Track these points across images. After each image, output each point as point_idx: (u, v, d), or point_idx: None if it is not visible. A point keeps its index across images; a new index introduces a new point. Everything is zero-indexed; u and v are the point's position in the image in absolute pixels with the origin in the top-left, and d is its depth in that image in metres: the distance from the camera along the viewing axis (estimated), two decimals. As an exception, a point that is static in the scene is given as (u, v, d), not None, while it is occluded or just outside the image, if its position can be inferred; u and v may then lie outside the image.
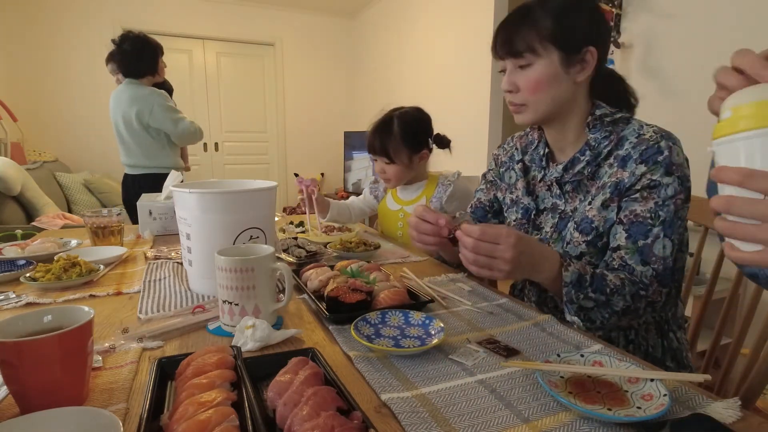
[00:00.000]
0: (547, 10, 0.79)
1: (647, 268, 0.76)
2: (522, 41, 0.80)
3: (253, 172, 4.99)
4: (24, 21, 3.89)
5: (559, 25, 0.78)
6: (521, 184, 0.96)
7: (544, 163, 0.92)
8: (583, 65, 0.80)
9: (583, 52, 0.79)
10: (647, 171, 0.76)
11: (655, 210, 0.75)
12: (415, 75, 4.00)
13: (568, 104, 0.84)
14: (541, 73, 0.80)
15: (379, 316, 0.70)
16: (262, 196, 0.86)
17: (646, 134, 0.78)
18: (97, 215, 1.19)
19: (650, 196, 0.76)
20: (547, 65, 0.79)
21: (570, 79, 0.81)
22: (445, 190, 1.38)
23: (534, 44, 0.79)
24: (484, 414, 0.48)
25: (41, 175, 3.25)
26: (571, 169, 0.85)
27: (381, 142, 1.36)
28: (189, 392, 0.45)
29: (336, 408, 0.43)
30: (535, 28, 0.79)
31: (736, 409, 0.48)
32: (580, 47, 0.79)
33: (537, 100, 0.82)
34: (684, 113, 2.07)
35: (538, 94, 0.81)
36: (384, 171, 1.40)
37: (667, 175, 0.75)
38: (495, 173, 1.06)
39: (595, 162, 0.83)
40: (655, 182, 0.76)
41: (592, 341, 0.66)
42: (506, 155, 1.04)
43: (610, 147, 0.81)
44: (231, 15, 4.62)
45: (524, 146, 0.99)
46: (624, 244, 0.77)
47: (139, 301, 0.80)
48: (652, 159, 0.76)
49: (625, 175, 0.78)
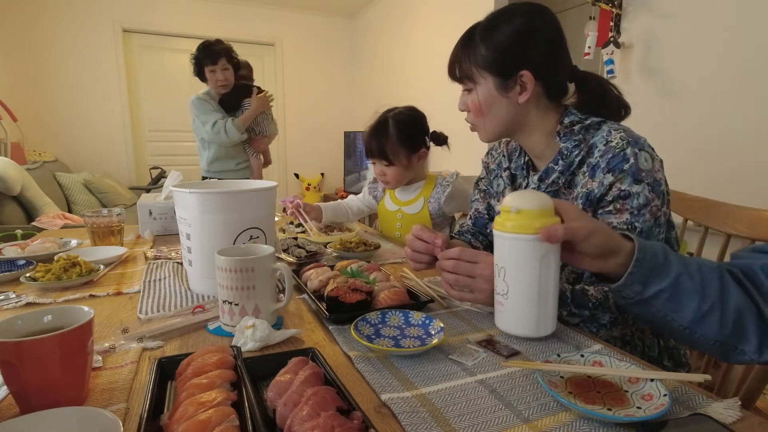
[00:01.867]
0: (482, 37, 0.81)
1: None
2: (461, 69, 0.85)
3: (253, 172, 4.98)
4: (24, 21, 3.89)
5: (490, 52, 0.81)
6: (508, 192, 0.97)
7: (525, 171, 0.93)
8: (523, 87, 0.81)
9: (518, 76, 0.80)
10: (615, 180, 0.75)
11: (631, 221, 0.74)
12: (415, 75, 4.00)
13: (519, 123, 0.85)
14: (480, 97, 0.84)
15: (379, 316, 0.70)
16: (262, 196, 0.86)
17: (612, 141, 0.77)
18: (97, 215, 1.19)
19: (623, 208, 0.75)
20: (483, 90, 0.83)
21: (511, 102, 0.83)
22: (443, 191, 1.38)
23: (471, 72, 0.83)
24: (484, 414, 0.48)
25: (41, 175, 3.25)
26: (546, 180, 0.85)
27: (378, 145, 1.35)
28: (189, 392, 0.45)
29: (336, 408, 0.43)
30: (473, 56, 0.82)
31: (736, 409, 0.48)
32: (512, 72, 0.80)
33: (483, 122, 0.86)
34: (684, 113, 2.07)
35: (481, 117, 0.86)
36: (384, 173, 1.40)
37: (636, 183, 0.74)
38: (486, 182, 1.07)
39: (569, 171, 0.82)
40: (624, 192, 0.75)
41: (592, 341, 0.66)
42: (494, 162, 1.04)
43: (582, 155, 0.80)
44: (231, 15, 4.63)
45: (510, 153, 0.99)
46: None
47: (139, 301, 0.80)
48: (618, 168, 0.75)
49: (594, 185, 0.78)
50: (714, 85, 1.96)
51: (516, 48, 0.80)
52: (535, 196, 0.64)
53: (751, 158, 1.87)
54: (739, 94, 1.90)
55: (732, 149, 1.93)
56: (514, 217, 0.63)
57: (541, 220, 0.62)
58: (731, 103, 1.91)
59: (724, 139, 1.94)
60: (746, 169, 1.88)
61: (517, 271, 0.64)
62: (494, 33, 0.81)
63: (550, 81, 0.83)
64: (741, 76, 1.88)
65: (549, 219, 0.62)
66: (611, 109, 0.84)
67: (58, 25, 4.00)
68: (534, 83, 0.80)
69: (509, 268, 0.65)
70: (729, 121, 1.92)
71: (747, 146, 1.88)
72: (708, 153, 1.98)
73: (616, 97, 0.84)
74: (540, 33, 0.81)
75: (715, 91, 1.96)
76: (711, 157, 1.98)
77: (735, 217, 0.99)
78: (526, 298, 0.64)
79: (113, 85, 4.26)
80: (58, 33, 4.01)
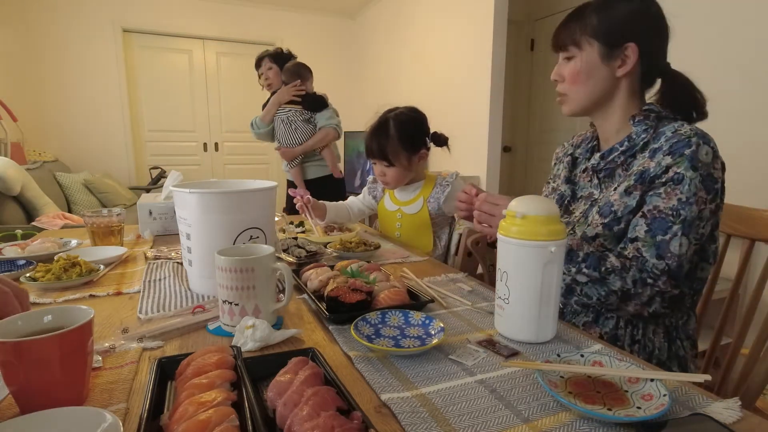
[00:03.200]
0: (597, 10, 0.84)
1: (660, 262, 0.76)
2: (568, 35, 0.87)
3: (253, 172, 4.99)
4: (24, 21, 3.88)
5: (601, 20, 0.83)
6: (564, 174, 1.00)
7: (589, 154, 0.96)
8: (624, 60, 0.83)
9: (623, 48, 0.82)
10: (673, 163, 0.76)
11: (677, 208, 0.76)
12: (415, 75, 4.00)
13: (607, 97, 0.87)
14: (581, 64, 0.85)
15: (379, 316, 0.70)
16: (262, 196, 0.86)
17: (681, 130, 0.79)
18: (97, 215, 1.19)
19: (673, 193, 0.76)
20: (587, 57, 0.85)
21: (610, 73, 0.84)
22: (442, 191, 1.38)
23: (577, 38, 0.85)
24: (484, 414, 0.48)
25: (41, 175, 3.25)
26: (607, 157, 0.87)
27: (378, 145, 1.35)
28: (189, 392, 0.45)
29: (336, 408, 0.43)
30: (581, 24, 0.85)
31: (736, 409, 0.48)
32: (620, 42, 0.82)
33: (576, 90, 0.88)
34: (684, 113, 2.07)
35: (577, 85, 0.87)
36: (384, 174, 1.39)
37: (692, 170, 0.75)
38: (552, 172, 1.08)
39: (630, 152, 0.84)
40: (679, 176, 0.76)
41: (592, 341, 0.66)
42: (563, 152, 1.07)
43: (647, 139, 0.82)
44: (231, 15, 4.62)
45: (579, 142, 1.02)
46: (642, 237, 0.78)
47: (139, 301, 0.80)
48: (679, 152, 0.76)
49: (651, 165, 0.79)
50: (714, 85, 1.96)
51: (629, 22, 0.83)
52: (541, 202, 0.63)
53: (752, 158, 1.87)
54: (739, 95, 1.89)
55: (732, 149, 1.92)
56: (519, 223, 0.63)
57: (546, 226, 0.61)
58: (731, 103, 1.91)
59: (725, 139, 1.93)
60: (746, 169, 1.88)
61: (519, 277, 0.64)
62: (610, 7, 0.84)
63: (650, 63, 0.85)
64: (741, 76, 1.88)
65: (555, 225, 0.62)
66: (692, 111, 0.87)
67: (58, 25, 3.99)
68: (637, 59, 0.83)
69: (512, 273, 0.65)
70: (729, 121, 1.92)
71: (747, 146, 1.88)
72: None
73: (700, 101, 0.87)
74: (653, 17, 0.85)
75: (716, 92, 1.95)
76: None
77: (735, 217, 0.99)
78: (527, 304, 0.64)
79: (113, 85, 4.26)
80: (58, 33, 4.00)
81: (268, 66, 2.44)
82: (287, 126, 2.36)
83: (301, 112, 2.34)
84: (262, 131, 2.47)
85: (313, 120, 2.37)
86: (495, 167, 3.18)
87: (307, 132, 2.35)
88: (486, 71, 3.08)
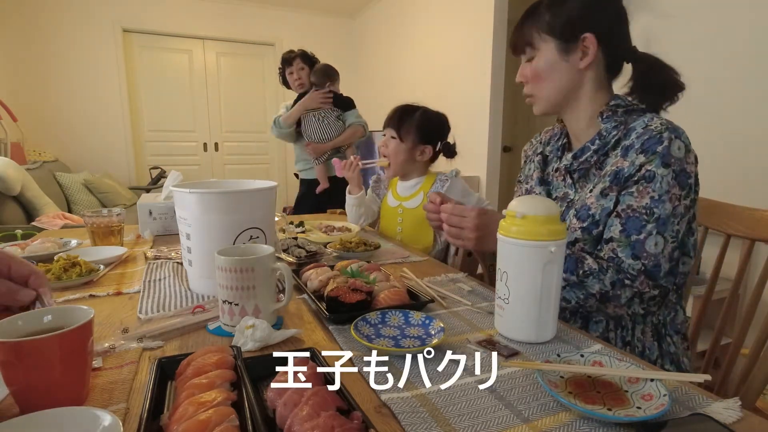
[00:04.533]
0: (549, 6, 0.83)
1: (637, 262, 0.76)
2: (521, 38, 0.86)
3: (253, 172, 4.99)
4: (24, 21, 3.89)
5: (554, 15, 0.82)
6: (536, 175, 0.99)
7: (560, 153, 0.94)
8: (585, 51, 0.82)
9: (580, 39, 0.82)
10: (646, 161, 0.76)
11: (650, 206, 0.75)
12: (415, 75, 4.00)
13: (575, 92, 0.86)
14: (540, 62, 0.85)
15: (379, 316, 0.70)
16: (262, 196, 0.86)
17: (652, 125, 0.78)
18: (97, 215, 1.19)
19: (645, 191, 0.76)
20: (544, 54, 0.84)
21: (571, 67, 0.84)
22: (441, 186, 1.43)
23: (533, 38, 0.85)
24: (484, 414, 0.48)
25: (41, 175, 3.25)
26: (580, 157, 0.86)
27: (399, 118, 1.45)
28: (189, 392, 0.45)
29: (336, 408, 0.43)
30: (536, 23, 0.84)
31: (736, 409, 0.48)
32: (576, 35, 0.82)
33: (540, 88, 0.87)
34: (683, 113, 2.06)
35: (540, 83, 0.86)
36: (386, 145, 1.46)
37: (664, 167, 0.75)
38: (525, 170, 1.07)
39: (603, 151, 0.83)
40: (650, 173, 0.75)
41: (592, 341, 0.66)
42: (531, 149, 1.06)
43: (618, 136, 0.81)
44: (231, 15, 4.63)
45: (548, 138, 1.01)
46: (617, 237, 0.78)
47: (139, 301, 0.80)
48: (651, 149, 0.76)
49: (625, 164, 0.78)
50: (714, 85, 1.96)
51: (581, 11, 0.82)
52: (541, 202, 0.63)
53: (751, 158, 1.87)
54: (739, 94, 1.89)
55: (732, 149, 1.93)
56: (519, 223, 0.63)
57: (546, 226, 0.61)
58: (731, 103, 1.91)
59: (725, 139, 1.94)
60: (746, 169, 1.88)
61: (519, 277, 0.64)
62: (562, 2, 0.83)
63: (612, 51, 0.84)
64: (741, 75, 1.88)
65: (555, 225, 0.62)
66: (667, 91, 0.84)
67: (58, 25, 4.00)
68: (597, 48, 0.82)
69: (511, 273, 0.64)
70: (729, 121, 1.92)
71: (747, 146, 1.88)
72: (708, 153, 1.97)
73: (674, 79, 0.84)
74: (607, 2, 0.84)
75: (716, 92, 1.96)
76: (711, 157, 1.97)
77: (735, 217, 0.99)
78: (527, 304, 0.64)
79: (113, 85, 4.26)
80: (59, 33, 4.01)
81: (300, 66, 2.50)
82: (319, 122, 2.43)
83: (331, 110, 2.43)
84: (285, 132, 2.50)
85: (342, 117, 2.47)
86: (495, 167, 3.18)
87: (338, 129, 2.44)
88: (486, 71, 3.08)
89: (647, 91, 0.85)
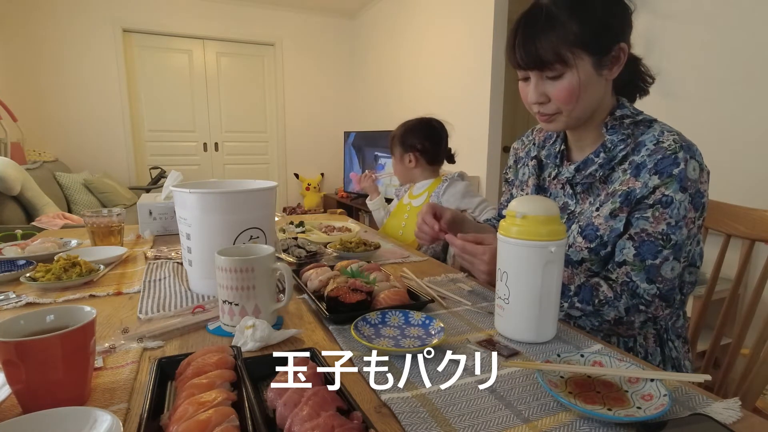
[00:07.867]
0: (571, 13, 0.71)
1: (652, 287, 0.74)
2: (548, 51, 0.72)
3: (253, 172, 4.99)
4: (24, 21, 3.88)
5: (586, 27, 0.71)
6: (532, 182, 0.94)
7: (558, 161, 0.90)
8: (616, 62, 0.76)
9: (616, 50, 0.74)
10: (661, 184, 0.72)
11: (667, 233, 0.73)
12: (415, 75, 4.00)
13: (599, 103, 0.80)
14: (574, 81, 0.73)
15: (379, 316, 0.70)
16: (262, 196, 0.86)
17: (665, 142, 0.74)
18: (97, 215, 1.19)
19: (662, 217, 0.73)
20: (582, 74, 0.73)
21: (603, 80, 0.77)
22: (443, 186, 1.56)
23: (562, 52, 0.71)
24: (484, 414, 0.48)
25: (41, 175, 3.24)
26: (584, 170, 0.82)
27: (391, 137, 1.68)
28: (189, 392, 0.45)
29: (336, 408, 0.43)
30: (561, 34, 0.71)
31: (736, 409, 0.48)
32: (611, 47, 0.74)
33: (572, 109, 0.77)
34: (683, 114, 2.07)
35: (574, 102, 0.75)
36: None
37: (681, 192, 0.72)
38: (513, 171, 1.04)
39: (609, 165, 0.79)
40: (668, 198, 0.72)
41: (592, 341, 0.66)
42: (524, 150, 1.01)
43: (626, 151, 0.77)
44: (231, 15, 4.62)
45: (542, 140, 0.95)
46: (631, 261, 0.75)
47: (139, 301, 0.80)
48: (667, 171, 0.72)
49: (637, 185, 0.74)
50: (714, 85, 1.96)
51: (613, 19, 0.74)
52: (541, 202, 0.63)
53: (751, 158, 1.87)
54: (739, 95, 1.90)
55: (732, 149, 1.93)
56: (519, 223, 0.63)
57: (546, 226, 0.61)
58: (731, 104, 1.91)
59: (725, 139, 1.94)
60: (746, 169, 1.88)
61: (519, 277, 0.64)
62: (585, 7, 0.72)
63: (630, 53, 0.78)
64: (741, 76, 1.88)
65: (555, 225, 0.62)
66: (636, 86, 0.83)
67: (58, 25, 3.99)
68: (626, 57, 0.75)
69: (512, 273, 0.65)
70: (729, 122, 1.92)
71: (747, 146, 1.88)
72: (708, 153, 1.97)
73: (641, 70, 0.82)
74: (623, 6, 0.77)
75: (716, 91, 1.96)
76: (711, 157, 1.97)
77: (735, 217, 0.99)
78: (527, 304, 0.64)
79: (113, 85, 4.26)
80: (58, 33, 4.00)
81: None
82: None
83: None
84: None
85: None
86: (495, 167, 3.18)
87: None
88: (486, 71, 3.08)
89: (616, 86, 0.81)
